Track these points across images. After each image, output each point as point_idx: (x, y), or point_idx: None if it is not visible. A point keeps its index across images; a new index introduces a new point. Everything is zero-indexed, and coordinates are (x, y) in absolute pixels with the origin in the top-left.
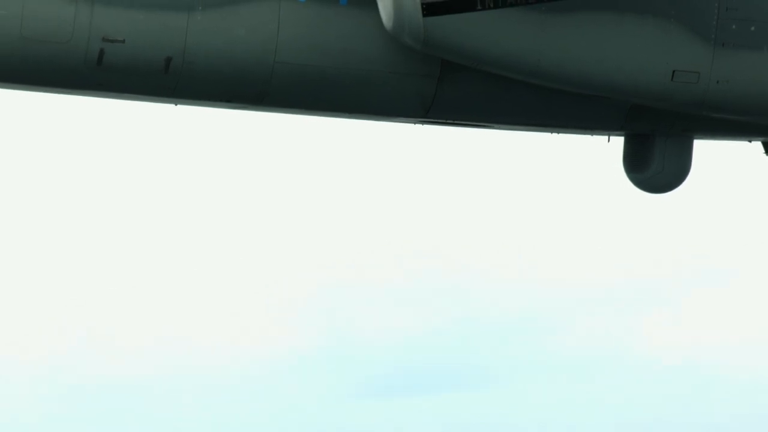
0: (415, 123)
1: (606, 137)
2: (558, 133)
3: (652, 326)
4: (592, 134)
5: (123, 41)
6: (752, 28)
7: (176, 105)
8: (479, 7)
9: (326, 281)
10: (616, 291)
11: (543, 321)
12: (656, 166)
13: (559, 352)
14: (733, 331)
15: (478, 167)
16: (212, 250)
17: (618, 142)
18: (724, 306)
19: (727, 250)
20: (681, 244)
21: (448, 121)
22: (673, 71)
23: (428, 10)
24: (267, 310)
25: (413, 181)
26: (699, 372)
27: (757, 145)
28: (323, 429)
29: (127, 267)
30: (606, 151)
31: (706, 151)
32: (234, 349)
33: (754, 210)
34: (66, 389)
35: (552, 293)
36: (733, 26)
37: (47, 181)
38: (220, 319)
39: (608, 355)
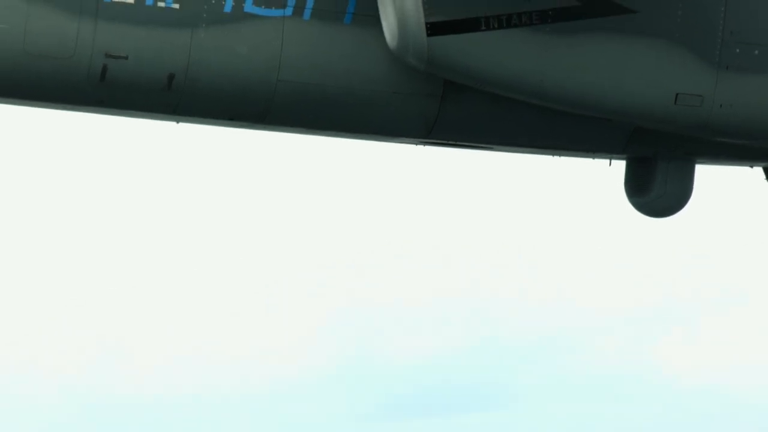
0: (416, 144)
1: (608, 161)
2: (560, 156)
3: (670, 346)
4: (594, 157)
5: (126, 57)
6: (756, 52)
7: (178, 123)
8: (483, 28)
9: (344, 300)
10: (634, 311)
11: (561, 341)
12: (658, 189)
13: (577, 372)
14: (753, 352)
15: (485, 189)
16: (227, 267)
17: (619, 168)
18: (743, 326)
19: (743, 271)
20: (696, 265)
21: (450, 142)
22: (677, 94)
23: (432, 30)
24: (285, 328)
25: (425, 202)
26: (718, 393)
27: (758, 171)
28: None
29: (142, 285)
30: (607, 174)
31: (708, 176)
32: (250, 367)
33: (760, 233)
34: (79, 407)
35: (569, 313)
36: (737, 50)
37: (49, 193)
38: (237, 337)
39: (627, 375)
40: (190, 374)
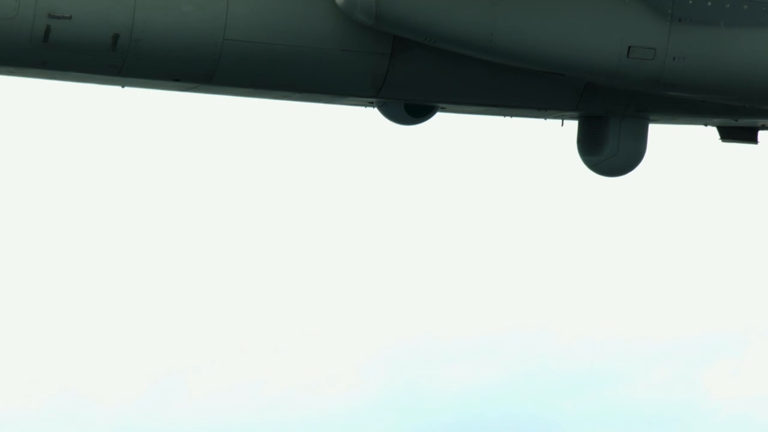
0: (366, 105)
1: (559, 121)
2: (511, 116)
3: (715, 377)
4: (546, 117)
5: (70, 17)
6: (709, 3)
7: (123, 87)
8: None
9: (392, 331)
10: (678, 342)
11: (605, 372)
12: (610, 148)
13: (621, 403)
14: None
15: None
16: (271, 294)
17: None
18: None
19: None
20: (742, 297)
21: (399, 99)
22: (629, 47)
23: None
24: (334, 358)
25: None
26: (762, 423)
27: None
28: None
29: (189, 315)
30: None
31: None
32: (300, 396)
33: None
34: None
35: (613, 345)
36: (690, 1)
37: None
38: (287, 367)
39: (671, 405)
40: (243, 404)
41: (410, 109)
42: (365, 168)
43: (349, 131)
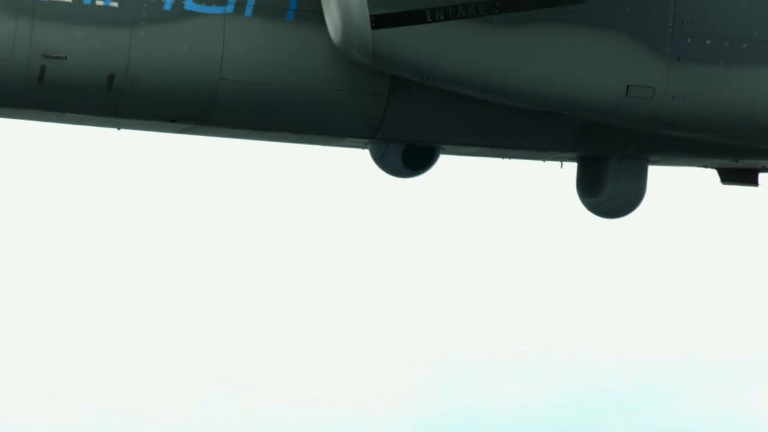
0: (363, 146)
1: (558, 163)
2: (510, 156)
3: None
4: (544, 158)
5: (65, 57)
6: (708, 42)
7: (119, 129)
8: (429, 20)
9: (441, 350)
10: (731, 359)
11: (653, 390)
12: (610, 190)
13: (670, 421)
14: None
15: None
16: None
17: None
18: None
19: None
20: None
21: (398, 141)
22: (628, 86)
23: (377, 23)
24: (383, 378)
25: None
26: None
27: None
28: None
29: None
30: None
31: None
32: (350, 415)
33: None
34: None
35: (663, 363)
36: (689, 40)
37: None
38: (336, 385)
39: (721, 422)
40: (289, 421)
41: (408, 161)
42: (367, 211)
43: (343, 174)
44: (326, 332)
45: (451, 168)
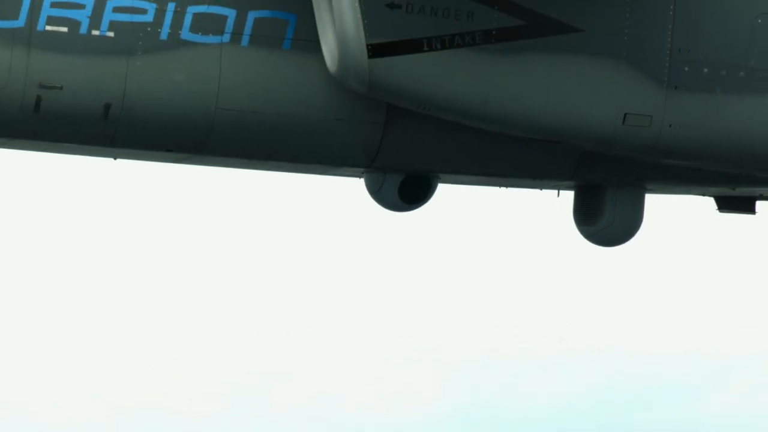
0: (359, 175)
1: (555, 191)
2: (507, 185)
3: None
4: (541, 187)
5: (61, 87)
6: (705, 70)
7: (115, 159)
8: (426, 49)
9: (469, 349)
10: (754, 356)
11: (685, 386)
12: (607, 218)
13: (698, 418)
14: None
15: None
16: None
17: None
18: None
19: None
20: None
21: (394, 170)
22: (625, 114)
23: (374, 52)
24: (412, 376)
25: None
26: None
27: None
28: None
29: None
30: None
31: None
32: (380, 413)
33: None
34: None
35: (692, 360)
36: (686, 68)
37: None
38: (365, 381)
39: (749, 419)
40: (321, 417)
41: (404, 196)
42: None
43: (339, 205)
44: (353, 332)
45: (449, 197)
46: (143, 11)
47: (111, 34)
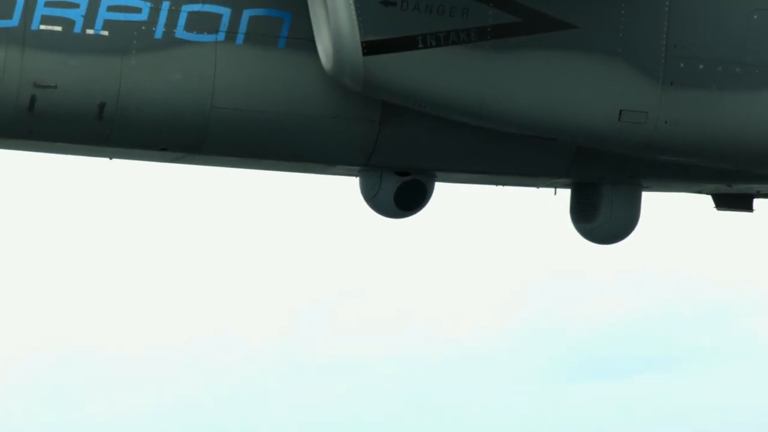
0: (355, 174)
1: (552, 189)
2: (503, 183)
3: None
4: (537, 184)
5: (55, 87)
6: (701, 67)
7: (111, 159)
8: (421, 46)
9: (530, 269)
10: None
11: (736, 307)
12: (604, 215)
13: (752, 336)
14: None
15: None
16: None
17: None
18: None
19: None
20: None
21: (388, 167)
22: (621, 111)
23: (369, 49)
24: (475, 295)
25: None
26: None
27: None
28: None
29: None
30: None
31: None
32: (442, 333)
33: None
34: None
35: (743, 284)
36: (682, 65)
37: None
38: (431, 303)
39: None
40: (385, 336)
41: (400, 202)
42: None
43: (335, 204)
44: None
45: (445, 195)
46: (138, 10)
47: (105, 33)
